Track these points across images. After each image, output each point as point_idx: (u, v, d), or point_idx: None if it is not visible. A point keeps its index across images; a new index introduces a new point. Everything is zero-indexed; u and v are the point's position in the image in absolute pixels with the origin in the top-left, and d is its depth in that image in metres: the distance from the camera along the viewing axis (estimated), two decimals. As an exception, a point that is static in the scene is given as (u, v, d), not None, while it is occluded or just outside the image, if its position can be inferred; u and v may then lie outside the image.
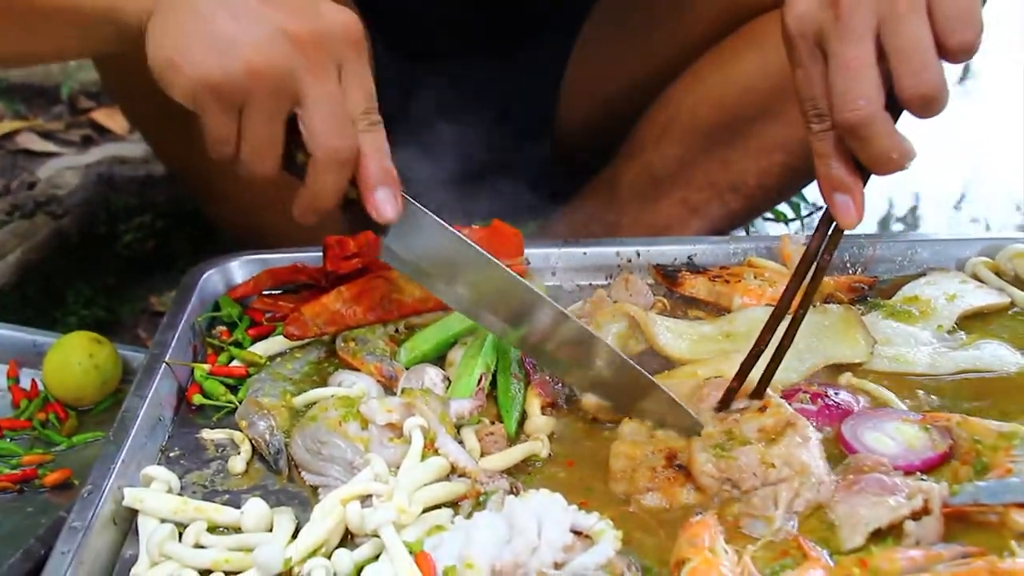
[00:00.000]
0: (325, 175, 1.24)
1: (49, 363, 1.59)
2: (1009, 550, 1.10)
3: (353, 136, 1.24)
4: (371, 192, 1.27)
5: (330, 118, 1.22)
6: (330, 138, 1.22)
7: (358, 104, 1.25)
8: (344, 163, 1.24)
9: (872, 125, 1.14)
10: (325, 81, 1.21)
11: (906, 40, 1.12)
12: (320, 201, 1.27)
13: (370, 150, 1.26)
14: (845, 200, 1.19)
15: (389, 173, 1.28)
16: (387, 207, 1.27)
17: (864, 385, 1.39)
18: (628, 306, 1.52)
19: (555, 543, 1.11)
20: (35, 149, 2.65)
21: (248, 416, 1.35)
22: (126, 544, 1.21)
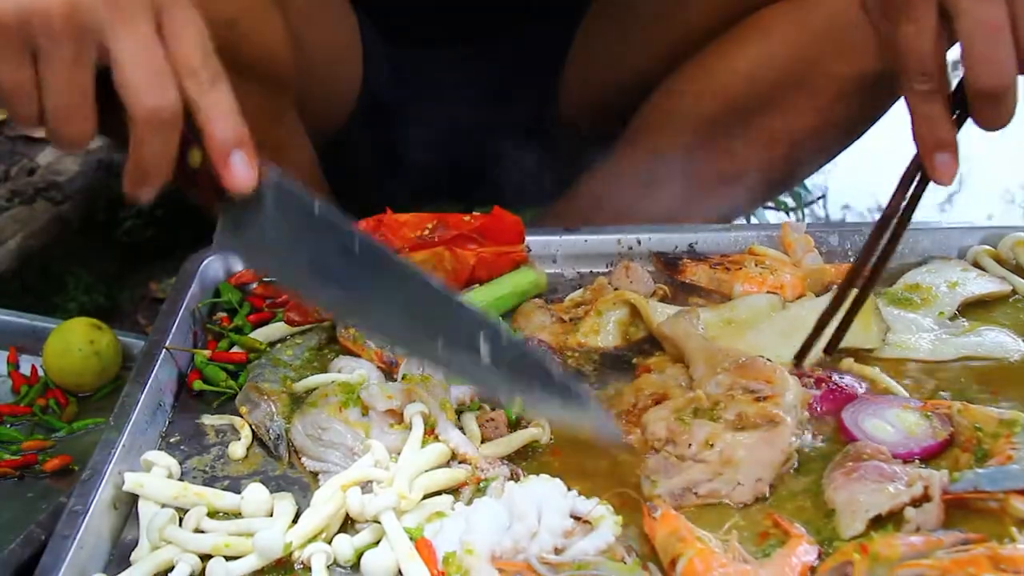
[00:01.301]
0: (148, 139, 1.06)
1: (49, 349, 1.59)
2: (1009, 536, 1.10)
3: (174, 91, 1.06)
4: (223, 157, 1.10)
5: (144, 70, 1.04)
6: (146, 94, 1.04)
7: (188, 55, 1.07)
8: (166, 123, 1.06)
9: (1012, 91, 1.11)
10: (135, 27, 1.04)
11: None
12: (149, 171, 1.08)
13: (215, 110, 1.08)
14: (947, 158, 1.18)
15: (241, 134, 1.10)
16: (243, 173, 1.10)
17: (865, 370, 1.39)
18: (629, 293, 1.52)
19: (555, 529, 1.11)
20: (34, 135, 2.64)
21: (248, 402, 1.35)
22: (126, 528, 1.21)
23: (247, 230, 1.15)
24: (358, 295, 1.17)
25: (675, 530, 1.11)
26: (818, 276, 1.57)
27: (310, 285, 1.19)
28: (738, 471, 1.20)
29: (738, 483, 1.20)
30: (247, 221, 1.15)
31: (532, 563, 1.07)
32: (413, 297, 1.18)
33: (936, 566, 1.04)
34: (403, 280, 1.18)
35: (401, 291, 1.18)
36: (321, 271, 1.17)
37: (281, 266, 1.19)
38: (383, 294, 1.17)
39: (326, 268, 1.17)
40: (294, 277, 1.19)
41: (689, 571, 1.07)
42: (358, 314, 1.21)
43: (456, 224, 1.59)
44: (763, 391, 1.26)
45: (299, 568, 1.13)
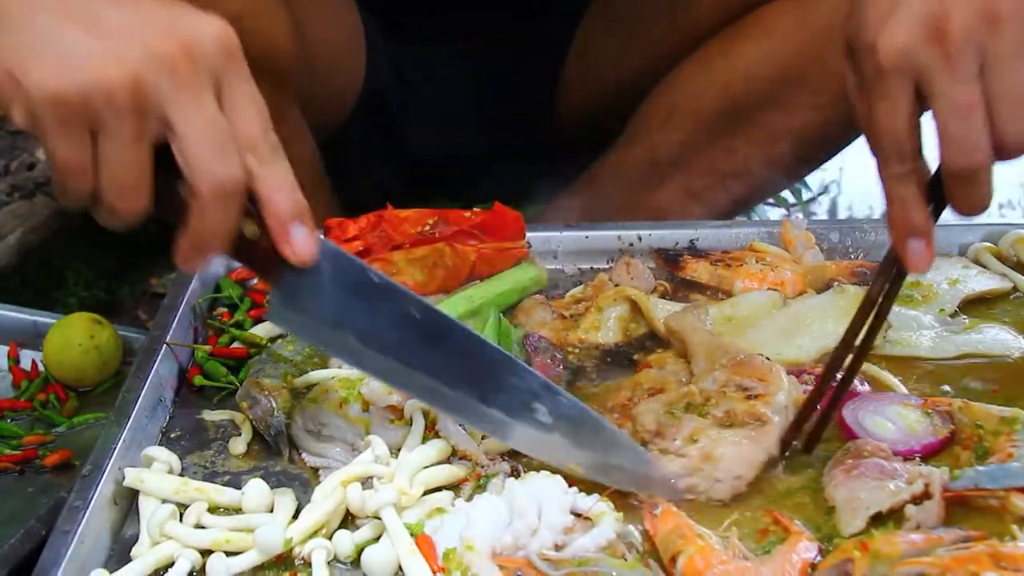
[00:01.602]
0: (211, 212, 1.05)
1: (50, 344, 1.59)
2: (1010, 534, 1.10)
3: (239, 164, 1.05)
4: (284, 229, 1.10)
5: (210, 143, 1.03)
6: (212, 167, 1.03)
7: (249, 127, 1.07)
8: (231, 196, 1.05)
9: (984, 171, 1.07)
10: (200, 99, 1.03)
11: (1011, 86, 1.04)
12: (207, 242, 1.08)
13: (275, 181, 1.09)
14: (920, 246, 1.12)
15: (302, 206, 1.11)
16: (304, 245, 1.11)
17: (865, 368, 1.39)
18: (629, 289, 1.52)
19: (555, 525, 1.11)
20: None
21: (249, 397, 1.34)
22: (127, 524, 1.21)
23: (303, 301, 1.16)
24: (416, 365, 1.19)
25: (676, 527, 1.11)
26: (819, 273, 1.57)
27: (366, 355, 1.19)
28: (717, 468, 1.19)
29: (716, 480, 1.19)
30: (303, 292, 1.15)
31: (532, 559, 1.07)
32: (472, 364, 1.20)
33: (937, 564, 1.04)
34: (462, 347, 1.20)
35: (460, 359, 1.20)
36: (379, 341, 1.18)
37: (337, 337, 1.18)
38: (442, 363, 1.19)
39: (384, 338, 1.18)
40: (350, 348, 1.19)
41: (689, 568, 1.07)
42: (414, 383, 1.20)
43: (457, 220, 1.59)
44: (755, 389, 1.26)
45: (299, 564, 1.13)
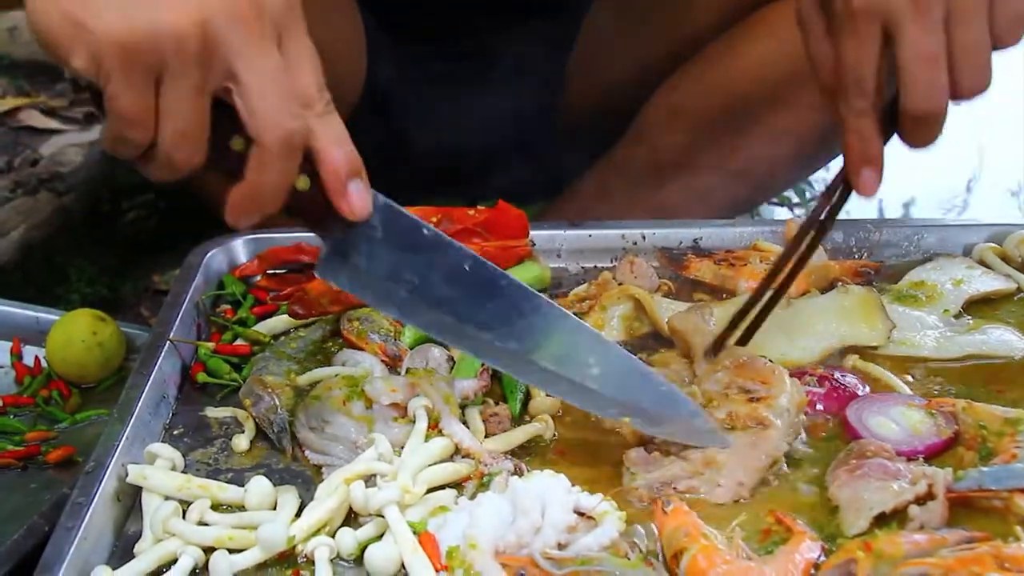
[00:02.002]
0: (273, 165, 1.05)
1: (52, 340, 1.59)
2: (1014, 535, 1.10)
3: (303, 117, 1.06)
4: (341, 183, 1.10)
5: (276, 95, 1.03)
6: (279, 119, 1.04)
7: (308, 81, 1.07)
8: (296, 149, 1.06)
9: (942, 116, 1.16)
10: (266, 51, 1.03)
11: (971, 38, 1.12)
12: (266, 196, 1.07)
13: (331, 135, 1.09)
14: (871, 174, 1.22)
15: (357, 162, 1.11)
16: (362, 202, 1.11)
17: (869, 368, 1.39)
18: (633, 288, 1.51)
19: (558, 524, 1.11)
20: (38, 126, 2.64)
21: (252, 394, 1.34)
22: (130, 521, 1.21)
23: (354, 253, 1.15)
24: (466, 319, 1.19)
25: (682, 524, 1.11)
26: (822, 273, 1.56)
27: (417, 309, 1.18)
28: (719, 472, 1.19)
29: (718, 484, 1.19)
30: (354, 245, 1.15)
31: (536, 558, 1.07)
32: (524, 318, 1.20)
33: (940, 564, 1.04)
34: (515, 300, 1.21)
35: (512, 312, 1.20)
36: (430, 294, 1.18)
37: (387, 290, 1.17)
38: (493, 316, 1.19)
39: (435, 291, 1.18)
40: (400, 302, 1.18)
41: (693, 567, 1.07)
42: (464, 337, 1.20)
43: (460, 218, 1.59)
44: (758, 392, 1.25)
45: (302, 561, 1.13)
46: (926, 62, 1.13)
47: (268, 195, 1.07)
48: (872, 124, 1.20)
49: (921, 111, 1.16)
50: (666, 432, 1.22)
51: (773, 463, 1.21)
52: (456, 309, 1.18)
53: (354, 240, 1.14)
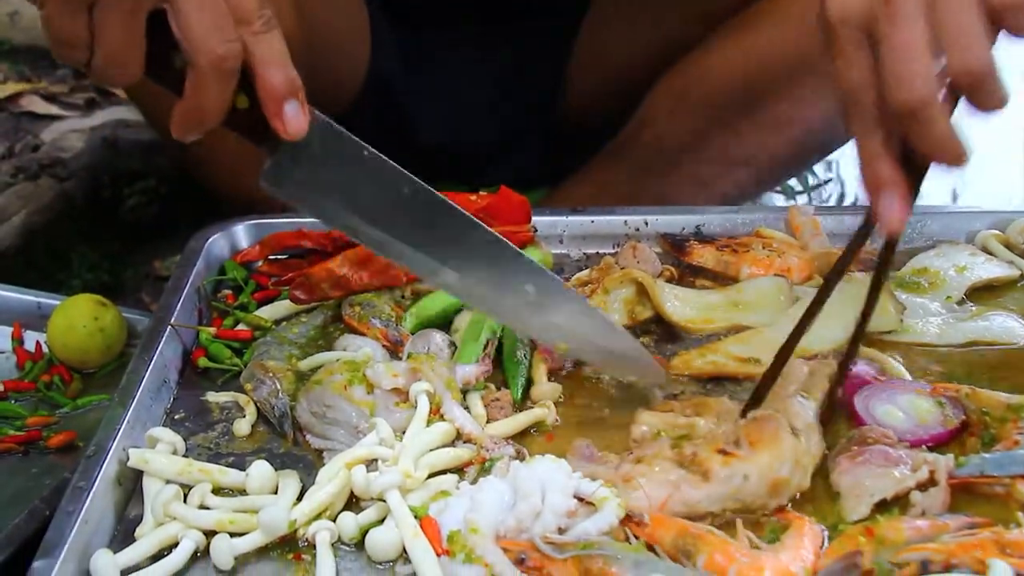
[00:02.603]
0: (209, 84, 1.06)
1: (53, 326, 1.59)
2: (1015, 521, 1.10)
3: (237, 37, 1.06)
4: (277, 104, 1.10)
5: (208, 17, 1.04)
6: (211, 39, 1.04)
7: (242, 1, 1.07)
8: (229, 70, 1.06)
9: (931, 107, 1.05)
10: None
11: (955, 22, 1.05)
12: (203, 114, 1.08)
13: (269, 55, 1.08)
14: (891, 202, 1.09)
15: (294, 82, 1.10)
16: (297, 120, 1.11)
17: (873, 354, 1.39)
18: (637, 272, 1.51)
19: (559, 509, 1.11)
20: (39, 112, 2.64)
21: (253, 379, 1.34)
22: (131, 505, 1.21)
23: (295, 171, 1.16)
24: (405, 238, 1.20)
25: (683, 530, 1.10)
26: (825, 259, 1.56)
27: (357, 226, 1.20)
28: (626, 492, 1.14)
29: None
30: (295, 162, 1.16)
31: (536, 542, 1.07)
32: (462, 242, 1.22)
33: (942, 550, 1.04)
34: (453, 224, 1.22)
35: (450, 235, 1.21)
36: (369, 212, 1.19)
37: (328, 205, 1.19)
38: (432, 236, 1.21)
39: (374, 209, 1.19)
40: (341, 218, 1.20)
41: (712, 565, 1.06)
42: (405, 256, 1.22)
43: (462, 203, 1.56)
44: (732, 449, 1.17)
45: (303, 545, 1.13)
46: (900, 50, 1.05)
47: (207, 113, 1.08)
48: (880, 142, 1.09)
49: (900, 102, 1.06)
50: (602, 363, 1.25)
51: (689, 513, 1.14)
52: (394, 229, 1.20)
53: (293, 155, 1.15)
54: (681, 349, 1.43)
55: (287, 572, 1.11)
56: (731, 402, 1.28)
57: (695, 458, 1.16)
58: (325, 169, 1.17)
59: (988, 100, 1.07)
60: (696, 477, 1.15)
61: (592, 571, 1.05)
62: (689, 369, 1.38)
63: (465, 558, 1.06)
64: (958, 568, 1.02)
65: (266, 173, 1.17)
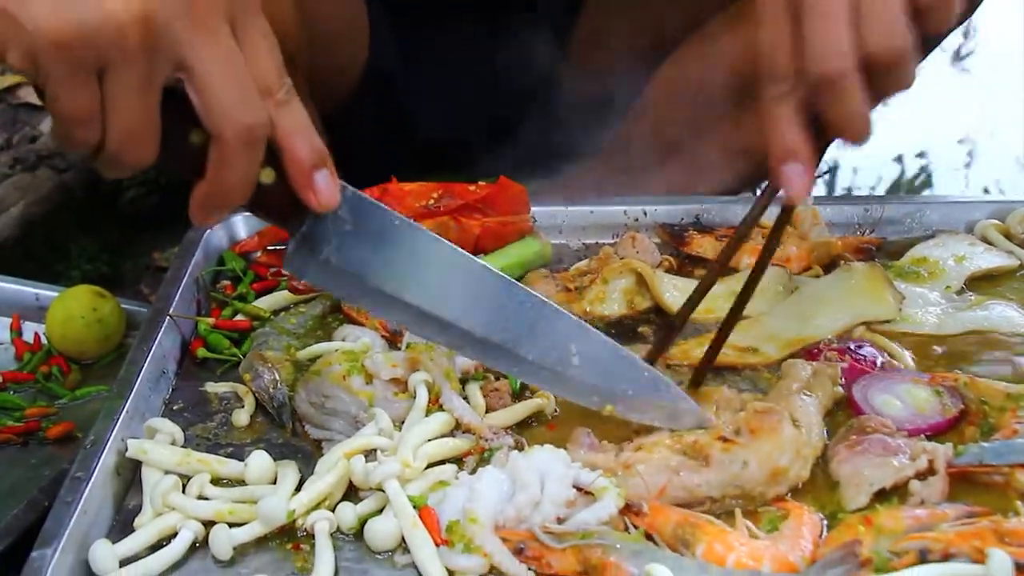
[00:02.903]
0: (236, 160, 0.99)
1: (52, 317, 1.59)
2: (1014, 510, 1.10)
3: (263, 108, 0.99)
4: (306, 175, 1.03)
5: (232, 85, 0.96)
6: (237, 109, 0.96)
7: (267, 69, 0.99)
8: (257, 143, 0.99)
9: (848, 78, 1.07)
10: (218, 40, 0.95)
11: (880, 2, 1.07)
12: (229, 193, 1.01)
13: (294, 125, 1.02)
14: (797, 169, 1.12)
15: (322, 151, 1.04)
16: (328, 191, 1.04)
17: (876, 338, 1.39)
18: (636, 262, 1.51)
19: (558, 499, 1.11)
20: (37, 103, 2.63)
21: (252, 369, 1.34)
22: (129, 495, 1.21)
23: (323, 248, 1.09)
24: (441, 312, 1.15)
25: (682, 519, 1.10)
26: (824, 249, 1.56)
27: (389, 303, 1.14)
28: (626, 479, 1.14)
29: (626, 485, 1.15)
30: (323, 239, 1.09)
31: (535, 532, 1.07)
32: (499, 308, 1.17)
33: (940, 539, 1.04)
34: (491, 288, 1.17)
35: (488, 300, 1.16)
36: (403, 285, 1.13)
37: (358, 284, 1.12)
38: (470, 305, 1.16)
39: (408, 282, 1.13)
40: (372, 296, 1.14)
41: (711, 554, 1.06)
42: (443, 331, 1.16)
43: (462, 194, 1.59)
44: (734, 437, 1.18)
45: (302, 536, 1.13)
46: (822, 20, 1.07)
47: (233, 191, 1.01)
48: (790, 111, 1.12)
49: (817, 72, 1.08)
50: (649, 418, 1.20)
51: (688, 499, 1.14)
52: (429, 301, 1.14)
53: (322, 233, 1.09)
54: (680, 339, 1.43)
55: (286, 562, 1.10)
56: (731, 391, 1.28)
57: (695, 445, 1.16)
58: (356, 245, 1.10)
59: (895, 84, 1.10)
60: (696, 463, 1.15)
61: (591, 561, 1.05)
62: (688, 359, 1.38)
63: (464, 548, 1.06)
64: (957, 557, 1.02)
65: (291, 255, 1.10)
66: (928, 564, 1.02)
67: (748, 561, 1.05)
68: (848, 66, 1.08)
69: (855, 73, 1.08)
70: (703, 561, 1.05)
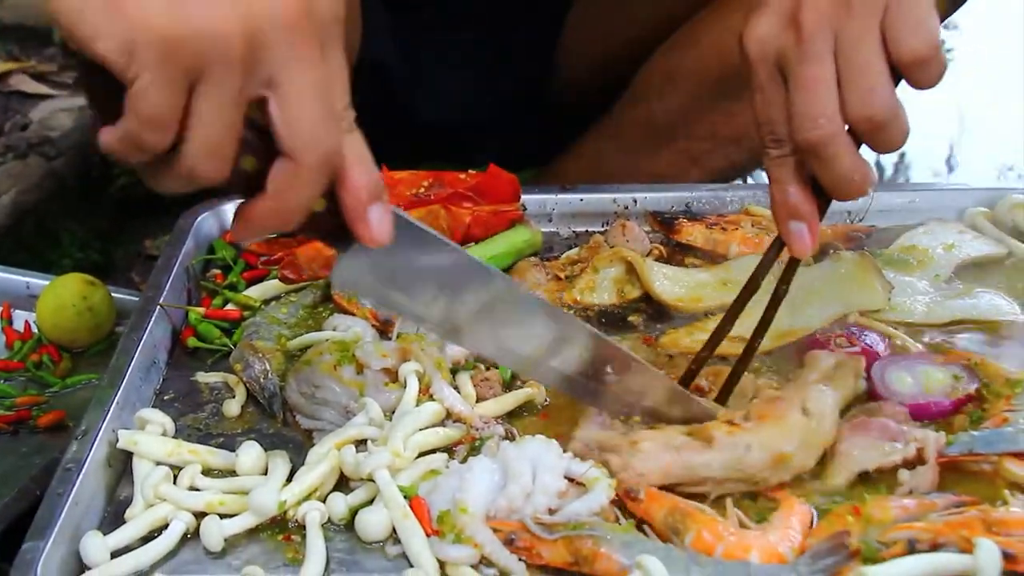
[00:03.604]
0: (306, 183, 0.96)
1: (43, 305, 1.59)
2: (1002, 499, 1.11)
3: (340, 135, 0.98)
4: (362, 208, 1.01)
5: (318, 109, 0.95)
6: (318, 135, 0.95)
7: (341, 95, 0.98)
8: (330, 168, 0.98)
9: (833, 144, 1.10)
10: (313, 61, 0.94)
11: (855, 63, 1.08)
12: (288, 215, 0.98)
13: (356, 155, 1.00)
14: (800, 228, 1.15)
15: (380, 184, 1.02)
16: (382, 227, 1.02)
17: (875, 324, 1.40)
18: (626, 251, 1.51)
19: (549, 489, 1.11)
20: (28, 91, 2.63)
21: (243, 359, 1.34)
22: (120, 486, 1.21)
23: (370, 272, 1.09)
24: (485, 326, 1.15)
25: (675, 506, 1.11)
26: (815, 237, 1.56)
27: (436, 318, 1.14)
28: (633, 455, 1.15)
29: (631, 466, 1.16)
30: (369, 259, 1.08)
31: (527, 523, 1.07)
32: (537, 327, 1.18)
33: (929, 529, 1.05)
34: (528, 312, 1.18)
35: (527, 322, 1.17)
36: (443, 306, 1.13)
37: (401, 300, 1.12)
38: (511, 326, 1.17)
39: (449, 303, 1.13)
40: (414, 311, 1.13)
41: (700, 543, 1.07)
42: (482, 341, 1.17)
43: (452, 182, 1.59)
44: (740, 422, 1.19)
45: (293, 526, 1.13)
46: (804, 88, 1.09)
47: (292, 214, 0.99)
48: (792, 172, 1.14)
49: (803, 139, 1.10)
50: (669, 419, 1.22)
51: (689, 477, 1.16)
52: (467, 316, 1.14)
53: (369, 253, 1.07)
54: (670, 327, 1.44)
55: (277, 553, 1.11)
56: (747, 377, 1.29)
57: (702, 428, 1.17)
58: (400, 265, 1.09)
59: (886, 144, 1.11)
60: (699, 443, 1.16)
61: (582, 552, 1.05)
62: (678, 347, 1.38)
63: (455, 538, 1.07)
64: (945, 547, 1.03)
65: (338, 273, 1.09)
66: (916, 554, 1.02)
67: (737, 551, 1.06)
68: (830, 133, 1.09)
69: (840, 138, 1.10)
70: (693, 552, 1.06)
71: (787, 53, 1.11)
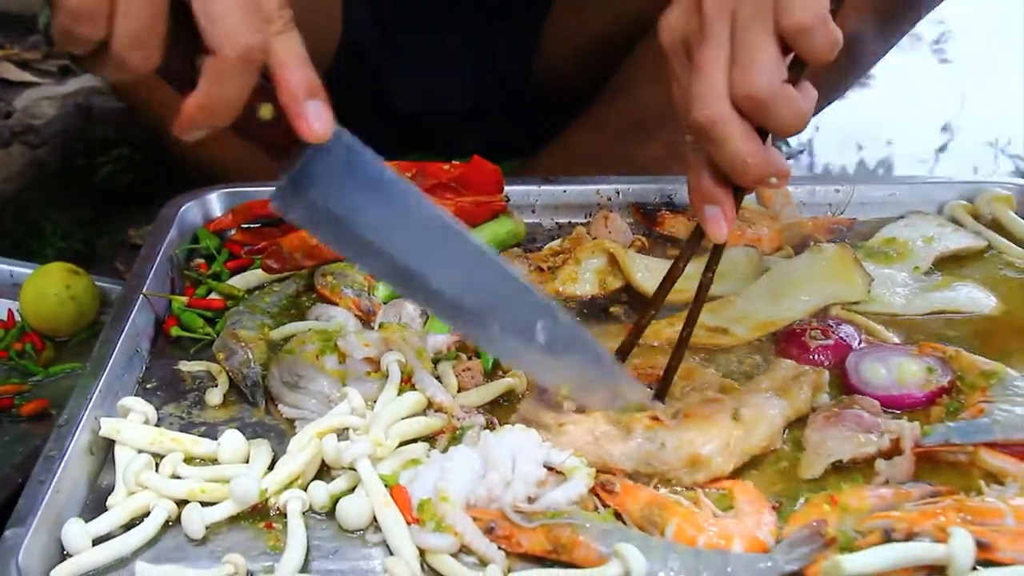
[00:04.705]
0: (231, 77, 1.00)
1: (26, 294, 1.59)
2: (977, 489, 1.12)
3: (267, 31, 1.01)
4: (299, 104, 1.04)
5: (238, 5, 0.98)
6: (239, 28, 0.99)
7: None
8: (253, 64, 1.01)
9: (721, 126, 1.08)
10: None
11: (741, 41, 1.08)
12: (218, 110, 1.02)
13: (289, 54, 1.03)
14: (715, 213, 1.15)
15: (315, 82, 1.05)
16: (320, 120, 1.05)
17: (855, 317, 1.41)
18: (608, 242, 1.52)
19: (529, 478, 1.12)
20: (11, 79, 2.62)
21: (225, 348, 1.34)
22: (103, 474, 1.21)
23: (311, 190, 1.10)
24: (418, 269, 1.15)
25: (652, 499, 1.12)
26: (796, 229, 1.57)
27: (368, 253, 1.14)
28: (558, 437, 1.17)
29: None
30: (313, 180, 1.10)
31: (506, 511, 1.08)
32: (475, 276, 1.18)
33: (904, 518, 1.06)
34: (467, 256, 1.17)
35: (463, 268, 1.17)
36: (382, 238, 1.13)
37: (340, 230, 1.13)
38: (444, 269, 1.16)
39: (387, 236, 1.14)
40: (352, 243, 1.14)
41: (681, 534, 1.08)
42: (414, 288, 1.18)
43: (435, 173, 1.59)
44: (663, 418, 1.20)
45: (275, 514, 1.13)
46: (698, 71, 1.09)
47: (221, 108, 1.03)
48: (702, 158, 1.14)
49: (694, 120, 1.09)
50: (597, 400, 1.22)
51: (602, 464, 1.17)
52: (407, 258, 1.15)
53: (313, 173, 1.10)
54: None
55: (258, 541, 1.11)
56: (714, 374, 1.30)
57: (629, 420, 1.19)
58: (344, 191, 1.11)
59: (777, 125, 1.10)
60: (619, 433, 1.17)
61: (561, 540, 1.06)
62: (659, 338, 1.39)
63: (435, 527, 1.07)
64: (920, 536, 1.04)
65: (280, 191, 1.12)
66: (892, 543, 1.03)
67: (719, 541, 1.07)
68: (717, 113, 1.08)
69: (728, 119, 1.08)
70: (671, 540, 1.07)
71: (691, 38, 1.11)
